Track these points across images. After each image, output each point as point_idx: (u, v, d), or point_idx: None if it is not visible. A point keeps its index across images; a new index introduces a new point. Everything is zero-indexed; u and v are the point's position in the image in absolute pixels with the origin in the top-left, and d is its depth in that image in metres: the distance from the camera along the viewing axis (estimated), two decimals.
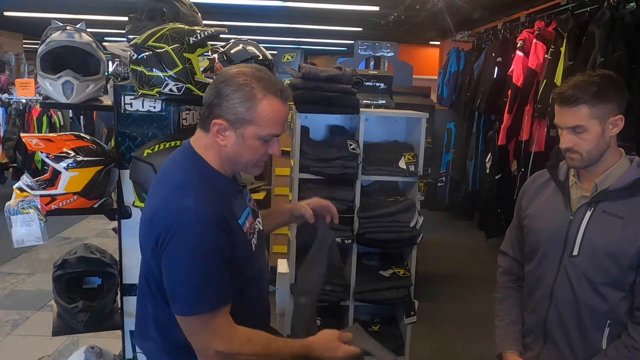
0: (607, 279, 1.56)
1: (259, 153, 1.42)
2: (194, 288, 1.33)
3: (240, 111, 1.35)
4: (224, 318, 1.37)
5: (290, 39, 12.27)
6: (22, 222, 1.93)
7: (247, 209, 1.51)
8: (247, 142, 1.38)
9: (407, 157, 2.84)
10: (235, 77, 1.37)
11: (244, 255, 1.44)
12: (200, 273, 1.33)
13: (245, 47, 2.59)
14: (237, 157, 1.42)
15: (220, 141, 1.39)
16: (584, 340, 1.62)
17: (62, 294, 2.28)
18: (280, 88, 1.39)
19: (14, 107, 6.70)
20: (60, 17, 2.63)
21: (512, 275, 1.89)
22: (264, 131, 1.38)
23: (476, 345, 3.63)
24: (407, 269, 2.93)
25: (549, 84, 4.29)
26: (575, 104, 1.54)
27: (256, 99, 1.35)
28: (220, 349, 1.36)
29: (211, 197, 1.37)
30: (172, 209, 1.34)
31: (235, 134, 1.38)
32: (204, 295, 1.34)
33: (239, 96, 1.35)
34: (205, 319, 1.35)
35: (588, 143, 1.56)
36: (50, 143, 2.02)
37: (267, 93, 1.36)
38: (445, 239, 6.23)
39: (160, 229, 1.34)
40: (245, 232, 1.45)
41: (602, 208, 1.59)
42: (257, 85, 1.36)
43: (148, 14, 2.30)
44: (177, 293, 1.36)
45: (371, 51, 5.31)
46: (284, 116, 1.41)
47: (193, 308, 1.35)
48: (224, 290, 1.37)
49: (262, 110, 1.36)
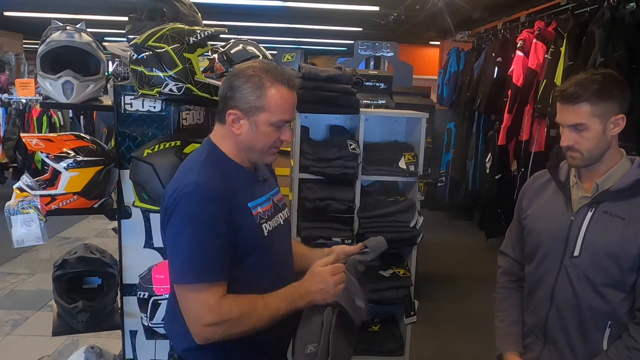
0: (608, 280, 1.56)
1: (272, 139, 1.50)
2: (184, 257, 1.41)
3: (251, 100, 1.45)
4: (211, 293, 1.39)
5: (290, 39, 12.28)
6: (22, 222, 1.93)
7: (265, 196, 1.57)
8: (260, 128, 1.47)
9: (407, 157, 2.84)
10: (245, 70, 1.49)
11: (250, 237, 1.48)
12: (191, 243, 1.40)
13: (245, 47, 2.59)
14: (252, 144, 1.50)
15: (236, 130, 1.49)
16: (584, 341, 1.61)
17: (62, 294, 2.28)
18: (288, 77, 1.49)
19: (14, 107, 6.71)
20: (60, 17, 2.63)
21: (512, 276, 1.88)
22: (274, 117, 1.47)
23: (476, 345, 3.63)
24: (407, 269, 2.93)
25: (549, 84, 4.29)
26: (576, 101, 1.54)
27: (265, 88, 1.45)
28: (207, 322, 1.40)
29: (215, 176, 1.45)
30: (176, 186, 1.45)
31: (249, 122, 1.47)
32: (192, 265, 1.40)
33: (249, 86, 1.45)
34: (191, 289, 1.40)
35: (589, 141, 1.56)
36: (50, 143, 2.02)
37: (274, 82, 1.46)
38: (445, 239, 6.23)
39: (166, 205, 1.45)
40: (255, 215, 1.50)
41: (603, 208, 1.58)
42: (265, 75, 1.46)
43: (148, 14, 2.30)
44: (171, 262, 1.45)
45: (371, 51, 5.30)
46: (293, 103, 1.51)
47: (179, 276, 1.42)
48: (216, 266, 1.41)
49: (271, 98, 1.45)
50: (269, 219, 1.55)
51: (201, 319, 1.40)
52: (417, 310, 2.92)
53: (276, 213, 1.61)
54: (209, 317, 1.39)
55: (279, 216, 1.62)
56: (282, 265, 1.61)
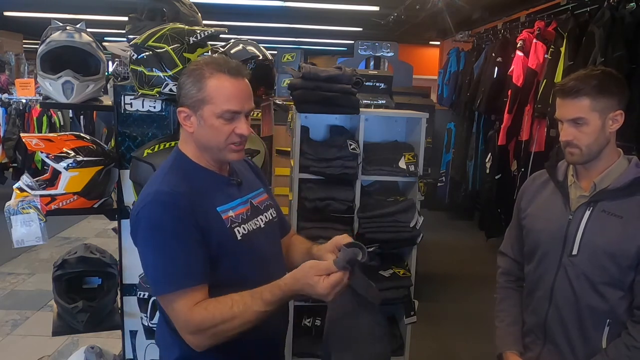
0: (607, 279, 1.56)
1: (225, 133, 1.42)
2: (155, 268, 1.39)
3: (193, 94, 1.41)
4: (187, 300, 1.34)
5: (290, 39, 12.28)
6: (22, 222, 1.93)
7: (239, 199, 1.51)
8: (207, 122, 1.41)
9: (407, 157, 2.84)
10: (189, 66, 1.47)
11: (221, 241, 1.42)
12: (158, 253, 1.37)
13: (245, 47, 2.58)
14: (206, 141, 1.45)
15: (188, 128, 1.45)
16: (584, 340, 1.62)
17: (62, 294, 2.28)
18: (230, 66, 1.42)
19: (14, 107, 6.70)
20: (60, 17, 2.63)
21: (512, 276, 1.89)
22: (219, 108, 1.40)
23: (476, 345, 3.63)
24: (407, 269, 2.93)
25: (549, 84, 4.29)
26: (576, 95, 1.54)
27: (204, 78, 1.40)
28: (190, 330, 1.35)
29: (178, 182, 1.41)
30: (139, 200, 1.43)
31: (197, 118, 1.43)
32: (163, 275, 1.37)
33: (190, 81, 1.42)
34: (170, 299, 1.36)
35: (588, 137, 1.56)
36: (50, 143, 2.02)
37: (214, 72, 1.40)
38: (445, 239, 6.23)
39: (132, 220, 1.43)
40: (225, 219, 1.44)
41: (601, 207, 1.59)
42: (206, 67, 1.42)
43: (148, 14, 2.30)
44: (146, 275, 1.44)
45: (371, 51, 5.31)
46: (237, 92, 1.42)
47: (155, 288, 1.40)
48: (187, 271, 1.36)
49: (211, 88, 1.40)
50: (243, 222, 1.48)
51: (185, 327, 1.36)
52: (417, 310, 2.92)
53: (255, 216, 1.54)
54: (190, 324, 1.35)
55: (258, 219, 1.55)
56: (268, 270, 1.50)
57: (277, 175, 4.30)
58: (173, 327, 1.42)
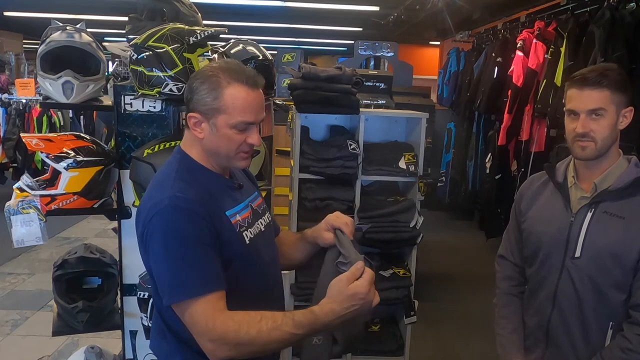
0: (610, 281, 1.55)
1: (236, 143, 1.41)
2: (174, 275, 1.33)
3: (208, 101, 1.38)
4: (207, 306, 1.31)
5: (290, 39, 12.28)
6: (22, 222, 1.93)
7: (243, 203, 1.50)
8: (221, 131, 1.39)
9: (407, 157, 2.84)
10: (204, 70, 1.43)
11: (232, 246, 1.41)
12: (176, 260, 1.33)
13: (245, 47, 2.58)
14: (216, 149, 1.43)
15: (198, 134, 1.42)
16: (587, 343, 1.61)
17: (62, 294, 2.28)
18: (248, 75, 1.40)
19: (14, 107, 6.70)
20: (60, 17, 2.63)
21: (513, 281, 1.85)
22: (233, 119, 1.38)
23: (476, 345, 3.64)
24: (407, 269, 2.93)
25: (549, 84, 4.30)
26: (599, 86, 1.52)
27: (221, 88, 1.37)
28: (211, 337, 1.31)
29: (190, 186, 1.38)
30: (150, 204, 1.37)
31: (209, 125, 1.40)
32: (179, 282, 1.33)
33: (205, 87, 1.38)
34: (187, 307, 1.32)
35: (604, 130, 1.54)
36: (50, 143, 2.02)
37: (231, 81, 1.37)
38: (445, 239, 6.23)
39: (142, 226, 1.37)
40: (234, 224, 1.43)
41: (603, 208, 1.58)
42: (222, 74, 1.38)
43: (148, 14, 2.30)
44: (159, 283, 1.37)
45: (371, 51, 5.31)
46: (253, 103, 1.40)
47: (171, 296, 1.34)
48: (205, 277, 1.33)
49: (228, 98, 1.37)
50: (249, 227, 1.47)
51: (206, 333, 1.31)
52: (417, 310, 2.92)
53: (256, 219, 1.53)
54: (213, 332, 1.30)
55: (259, 222, 1.54)
56: (268, 274, 1.52)
57: (277, 175, 4.29)
58: (176, 335, 1.41)
